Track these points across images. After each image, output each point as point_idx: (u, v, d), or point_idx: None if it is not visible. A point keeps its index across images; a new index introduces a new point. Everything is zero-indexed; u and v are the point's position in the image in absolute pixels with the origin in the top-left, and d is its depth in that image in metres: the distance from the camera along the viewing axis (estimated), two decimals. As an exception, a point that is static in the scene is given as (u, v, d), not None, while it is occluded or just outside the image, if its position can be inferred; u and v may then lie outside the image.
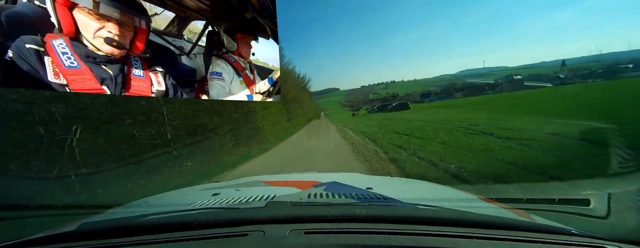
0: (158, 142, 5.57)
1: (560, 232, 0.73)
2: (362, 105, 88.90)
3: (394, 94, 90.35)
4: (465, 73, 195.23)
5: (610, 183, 1.57)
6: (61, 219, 2.03)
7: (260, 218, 0.78)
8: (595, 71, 52.84)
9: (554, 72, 69.73)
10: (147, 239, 0.72)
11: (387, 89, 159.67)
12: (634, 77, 36.49)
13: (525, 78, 61.94)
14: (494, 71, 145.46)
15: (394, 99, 62.79)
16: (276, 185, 1.50)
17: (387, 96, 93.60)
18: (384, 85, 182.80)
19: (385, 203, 0.98)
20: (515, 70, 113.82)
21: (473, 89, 57.37)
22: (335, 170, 4.93)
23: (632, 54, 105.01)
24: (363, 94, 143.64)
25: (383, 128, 12.17)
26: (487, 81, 65.62)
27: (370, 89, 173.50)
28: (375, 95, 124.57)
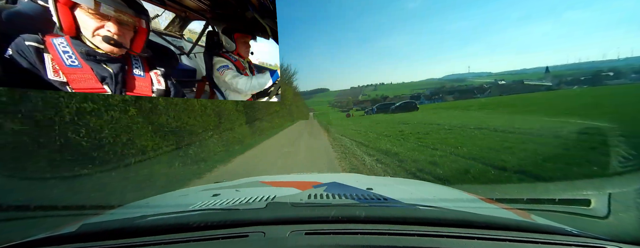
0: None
1: (560, 232, 0.73)
2: (352, 105, 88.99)
3: (383, 96, 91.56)
4: (451, 77, 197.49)
5: (610, 183, 1.57)
6: (61, 220, 2.03)
7: (261, 219, 0.78)
8: (578, 78, 55.62)
9: (539, 78, 70.71)
10: (147, 240, 0.72)
11: (377, 90, 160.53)
12: (617, 85, 37.69)
13: (510, 83, 63.47)
14: (479, 76, 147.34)
15: (384, 100, 62.28)
16: (276, 186, 1.50)
17: (377, 97, 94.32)
18: (373, 86, 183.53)
19: (385, 204, 0.98)
20: (499, 76, 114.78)
21: (466, 92, 58.41)
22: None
23: (609, 63, 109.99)
24: (352, 94, 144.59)
25: (415, 141, 7.03)
26: (485, 83, 65.51)
27: (360, 90, 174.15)
28: (365, 96, 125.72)
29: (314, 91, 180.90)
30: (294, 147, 8.19)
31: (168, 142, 5.11)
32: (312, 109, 52.20)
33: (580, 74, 60.66)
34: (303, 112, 34.29)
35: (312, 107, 64.14)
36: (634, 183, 1.15)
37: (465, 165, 4.35)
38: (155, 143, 4.71)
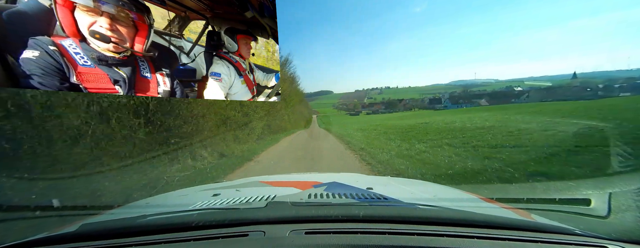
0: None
1: (561, 231, 0.73)
2: (360, 108, 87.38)
3: (399, 99, 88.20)
4: (457, 83, 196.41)
5: (610, 183, 1.56)
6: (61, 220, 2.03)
7: (261, 219, 0.78)
8: (612, 85, 48.52)
9: (565, 84, 63.86)
10: (147, 240, 0.72)
11: (382, 94, 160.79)
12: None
13: (556, 88, 57.44)
14: (486, 83, 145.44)
15: (399, 102, 58.88)
16: (276, 186, 1.50)
17: (384, 101, 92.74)
18: (379, 90, 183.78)
19: (385, 203, 0.98)
20: (508, 83, 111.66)
21: (497, 96, 53.20)
22: None
23: (627, 73, 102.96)
24: (358, 97, 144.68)
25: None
26: (514, 86, 60.16)
27: (365, 93, 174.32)
28: (371, 99, 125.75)
29: (318, 93, 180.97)
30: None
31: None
32: (316, 111, 49.85)
33: (612, 81, 55.87)
34: (302, 115, 27.74)
35: (316, 110, 61.79)
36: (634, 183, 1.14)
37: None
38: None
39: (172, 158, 5.28)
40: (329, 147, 9.09)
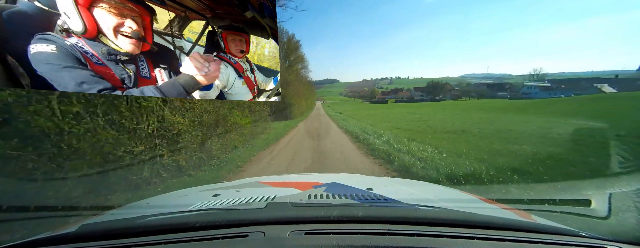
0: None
1: (561, 232, 0.73)
2: (374, 97, 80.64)
3: (430, 83, 76.58)
4: (467, 76, 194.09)
5: (610, 184, 1.56)
6: (61, 220, 2.03)
7: (261, 219, 0.78)
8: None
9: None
10: (147, 240, 0.72)
11: (392, 84, 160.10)
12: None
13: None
14: (500, 77, 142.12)
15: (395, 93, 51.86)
16: (276, 186, 1.50)
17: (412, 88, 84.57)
18: (389, 80, 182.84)
19: (385, 204, 0.98)
20: (521, 78, 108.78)
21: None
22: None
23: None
24: (367, 86, 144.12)
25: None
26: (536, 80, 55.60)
27: (373, 82, 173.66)
28: (381, 88, 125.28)
29: (324, 81, 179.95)
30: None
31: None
32: (322, 98, 46.33)
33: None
34: (306, 102, 23.40)
35: (322, 97, 57.70)
36: (634, 184, 1.14)
37: None
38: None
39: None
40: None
